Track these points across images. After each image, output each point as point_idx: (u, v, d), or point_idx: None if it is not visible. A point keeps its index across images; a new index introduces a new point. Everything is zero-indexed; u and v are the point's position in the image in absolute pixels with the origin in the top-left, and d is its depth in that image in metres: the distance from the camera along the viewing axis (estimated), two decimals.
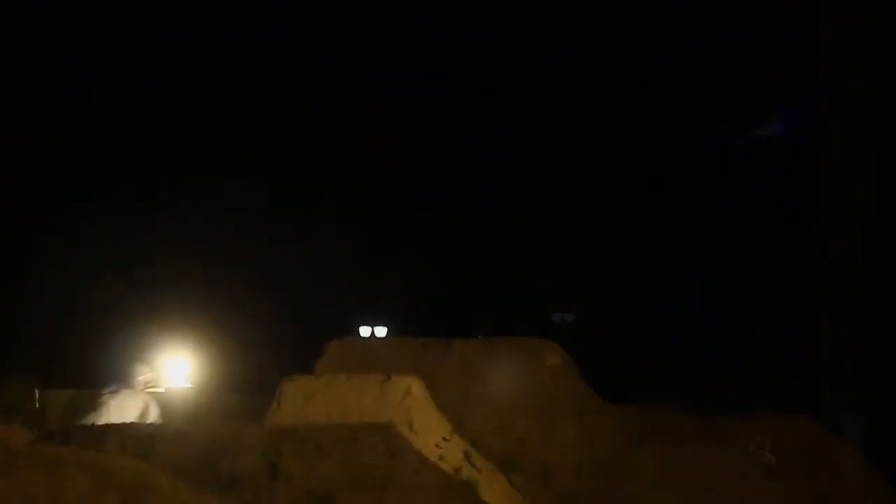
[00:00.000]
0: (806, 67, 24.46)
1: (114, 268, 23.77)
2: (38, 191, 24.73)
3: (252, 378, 19.32)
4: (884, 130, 23.91)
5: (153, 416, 12.72)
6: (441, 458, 12.38)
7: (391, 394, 12.95)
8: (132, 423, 12.29)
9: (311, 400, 12.91)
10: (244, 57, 26.05)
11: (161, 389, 13.46)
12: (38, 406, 17.99)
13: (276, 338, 21.95)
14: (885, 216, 24.42)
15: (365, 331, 20.30)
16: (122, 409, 12.57)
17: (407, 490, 10.52)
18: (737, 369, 23.97)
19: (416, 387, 13.16)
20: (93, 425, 11.88)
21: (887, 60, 22.79)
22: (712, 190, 26.07)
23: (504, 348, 15.75)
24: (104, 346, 22.42)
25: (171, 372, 20.45)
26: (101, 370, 21.82)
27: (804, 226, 25.51)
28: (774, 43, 25.90)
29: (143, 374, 12.85)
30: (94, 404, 12.90)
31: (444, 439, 12.94)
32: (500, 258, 25.88)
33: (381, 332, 21.07)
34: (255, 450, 10.55)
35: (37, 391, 18.23)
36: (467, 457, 13.00)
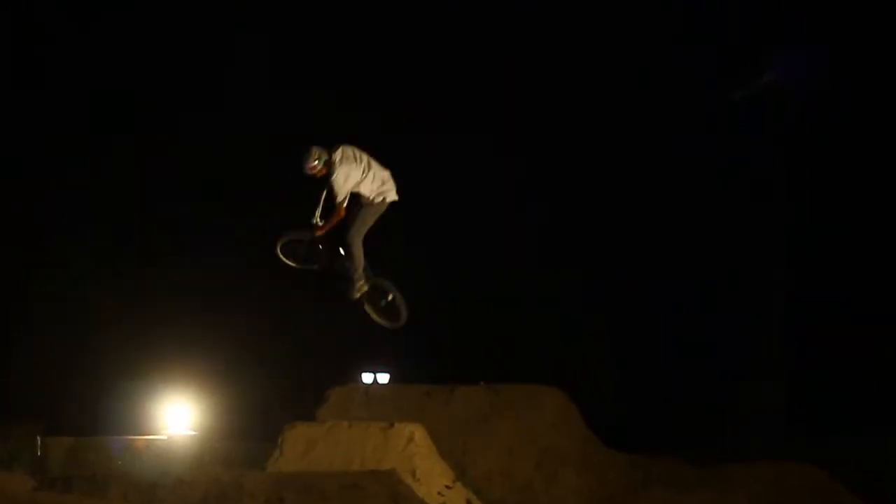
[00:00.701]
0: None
1: (114, 315, 23.76)
2: (36, 238, 24.73)
3: (254, 425, 19.29)
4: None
5: None
6: None
7: (394, 441, 12.96)
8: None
9: (313, 447, 12.92)
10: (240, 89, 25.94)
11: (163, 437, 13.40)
12: (39, 454, 17.97)
13: (277, 385, 21.94)
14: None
15: (367, 377, 20.28)
16: None
17: None
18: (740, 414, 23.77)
19: (419, 434, 13.17)
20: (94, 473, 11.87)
21: None
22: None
23: (506, 395, 15.73)
24: (105, 394, 22.43)
25: (173, 419, 20.47)
26: (103, 418, 21.87)
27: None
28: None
29: None
30: None
31: (447, 487, 12.93)
32: (502, 289, 25.71)
33: (383, 378, 21.03)
34: (257, 497, 10.54)
35: (39, 439, 18.21)
36: None
